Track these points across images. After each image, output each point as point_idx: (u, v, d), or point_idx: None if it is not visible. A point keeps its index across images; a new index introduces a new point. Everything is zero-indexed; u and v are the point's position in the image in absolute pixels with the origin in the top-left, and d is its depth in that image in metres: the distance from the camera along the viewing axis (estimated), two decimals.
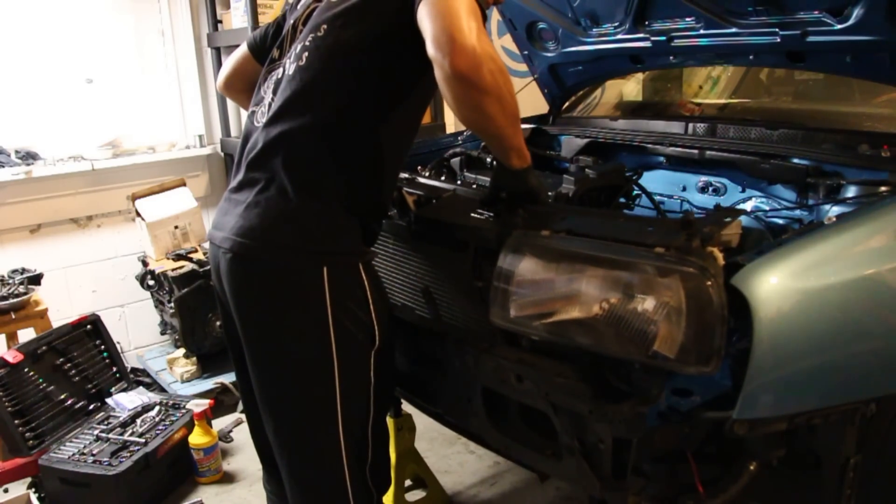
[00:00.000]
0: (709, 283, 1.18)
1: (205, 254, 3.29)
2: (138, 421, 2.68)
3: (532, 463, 1.52)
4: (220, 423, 2.98)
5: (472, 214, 1.59)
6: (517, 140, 1.45)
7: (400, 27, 1.42)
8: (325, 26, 1.56)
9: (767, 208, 1.99)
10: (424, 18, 1.34)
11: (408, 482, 2.52)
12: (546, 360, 1.42)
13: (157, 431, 2.61)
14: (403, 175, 1.91)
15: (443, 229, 1.66)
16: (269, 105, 1.59)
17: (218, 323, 3.17)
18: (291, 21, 1.70)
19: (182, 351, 3.24)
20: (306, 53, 1.55)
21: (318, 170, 1.49)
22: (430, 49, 1.32)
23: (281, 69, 1.63)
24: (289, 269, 1.47)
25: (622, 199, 1.96)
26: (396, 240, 1.82)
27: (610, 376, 1.36)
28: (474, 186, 2.17)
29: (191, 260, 3.22)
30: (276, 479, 1.76)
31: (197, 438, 2.65)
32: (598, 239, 1.33)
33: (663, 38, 2.15)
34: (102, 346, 2.93)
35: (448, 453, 2.74)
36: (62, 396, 2.68)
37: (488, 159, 2.21)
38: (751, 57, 2.08)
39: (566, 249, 1.36)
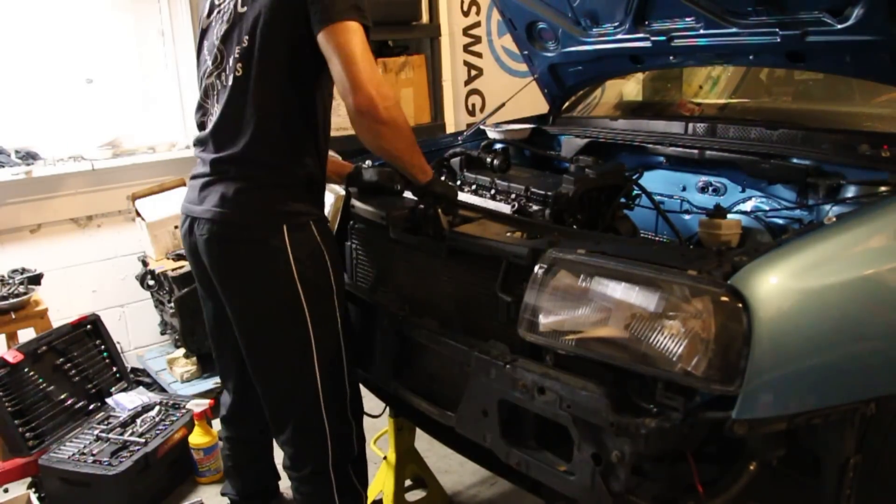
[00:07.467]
0: (739, 305, 1.21)
1: None
2: (138, 421, 2.68)
3: (543, 478, 1.53)
4: (219, 423, 2.97)
5: (507, 234, 1.68)
6: (416, 159, 1.77)
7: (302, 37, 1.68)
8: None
9: (767, 208, 1.99)
10: (326, 49, 1.64)
11: (408, 482, 2.52)
12: (569, 375, 1.44)
13: (157, 431, 2.62)
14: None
15: (476, 247, 1.69)
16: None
17: None
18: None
19: (182, 351, 3.24)
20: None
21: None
22: (336, 88, 1.68)
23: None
24: (260, 232, 1.76)
25: (622, 200, 1.96)
26: (428, 257, 1.84)
27: (632, 394, 1.38)
28: (473, 186, 2.18)
29: None
30: (239, 418, 2.20)
31: (197, 438, 2.65)
32: (632, 259, 1.36)
33: (663, 38, 2.15)
34: (102, 346, 2.93)
35: (448, 453, 2.73)
36: (62, 396, 2.68)
37: (488, 159, 2.21)
38: (751, 57, 2.08)
39: (600, 266, 1.38)
